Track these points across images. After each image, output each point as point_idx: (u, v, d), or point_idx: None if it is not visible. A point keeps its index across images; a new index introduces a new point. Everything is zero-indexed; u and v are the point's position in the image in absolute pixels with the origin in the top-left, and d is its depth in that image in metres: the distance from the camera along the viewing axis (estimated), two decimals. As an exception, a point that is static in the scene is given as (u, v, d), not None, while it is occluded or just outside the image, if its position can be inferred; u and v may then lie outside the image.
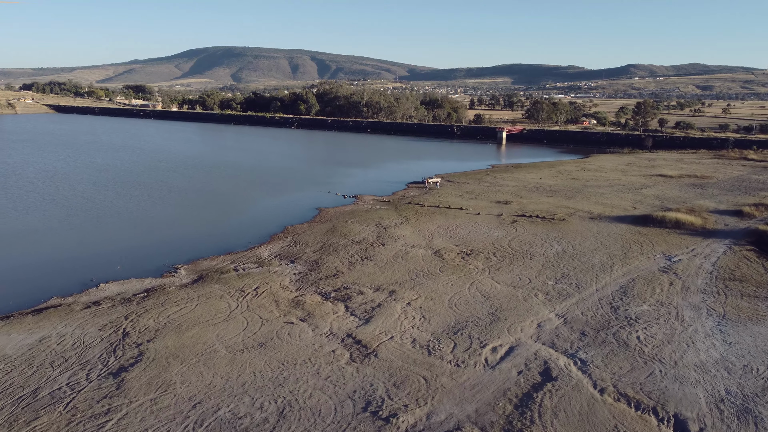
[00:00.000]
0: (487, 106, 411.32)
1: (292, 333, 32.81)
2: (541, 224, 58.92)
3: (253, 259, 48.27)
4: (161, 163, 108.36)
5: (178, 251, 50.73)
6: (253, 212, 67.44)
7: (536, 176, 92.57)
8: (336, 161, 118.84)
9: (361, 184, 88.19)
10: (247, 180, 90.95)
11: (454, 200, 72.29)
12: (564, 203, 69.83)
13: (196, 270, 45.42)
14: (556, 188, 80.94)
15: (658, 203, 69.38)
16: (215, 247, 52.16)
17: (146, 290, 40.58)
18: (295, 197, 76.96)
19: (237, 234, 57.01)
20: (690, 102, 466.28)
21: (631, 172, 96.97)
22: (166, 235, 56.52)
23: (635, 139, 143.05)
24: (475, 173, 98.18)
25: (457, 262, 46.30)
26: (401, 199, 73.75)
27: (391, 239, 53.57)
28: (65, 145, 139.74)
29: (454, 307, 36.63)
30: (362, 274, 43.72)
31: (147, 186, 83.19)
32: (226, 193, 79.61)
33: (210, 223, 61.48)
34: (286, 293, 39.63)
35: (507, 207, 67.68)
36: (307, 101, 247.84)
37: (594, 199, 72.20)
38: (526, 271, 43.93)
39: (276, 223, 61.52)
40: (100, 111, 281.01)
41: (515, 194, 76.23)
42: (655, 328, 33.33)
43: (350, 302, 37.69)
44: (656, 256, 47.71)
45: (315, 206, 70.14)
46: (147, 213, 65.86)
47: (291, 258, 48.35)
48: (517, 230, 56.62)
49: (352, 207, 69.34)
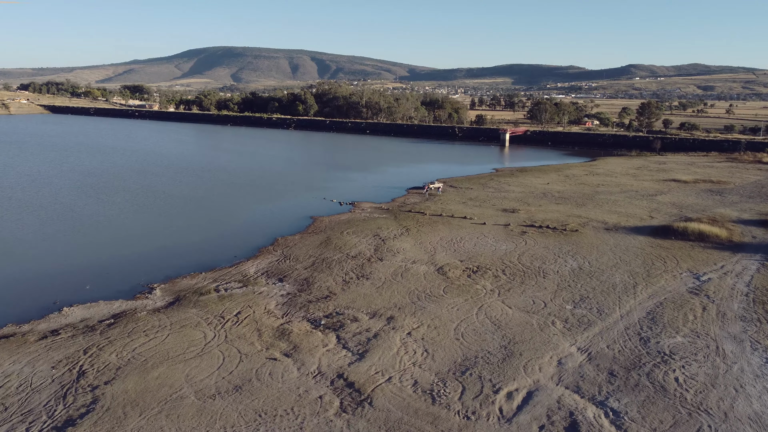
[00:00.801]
0: (488, 106, 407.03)
1: (274, 372, 28.30)
2: (553, 236, 54.41)
3: (237, 276, 43.77)
4: (150, 167, 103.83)
5: (157, 267, 46.23)
6: (243, 221, 62.92)
7: (543, 181, 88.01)
8: (333, 164, 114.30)
9: (358, 189, 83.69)
10: (239, 185, 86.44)
11: (457, 208, 67.78)
12: (575, 212, 65.30)
13: (173, 290, 40.91)
14: (566, 195, 76.39)
15: (676, 212, 64.84)
16: (197, 262, 47.67)
17: (114, 316, 36.08)
18: (288, 204, 72.44)
19: (223, 247, 52.50)
20: (692, 102, 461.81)
21: (642, 177, 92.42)
22: (146, 247, 51.99)
23: (643, 141, 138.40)
24: (478, 177, 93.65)
25: (463, 282, 41.80)
26: (401, 207, 69.27)
27: (390, 253, 49.08)
28: (53, 147, 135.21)
29: (461, 339, 32.12)
30: (357, 295, 39.23)
31: (132, 192, 78.65)
32: (215, 199, 75.09)
33: (195, 234, 56.97)
34: (270, 320, 35.12)
35: (514, 216, 63.16)
36: (305, 102, 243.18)
37: (607, 207, 67.66)
38: (540, 293, 39.42)
39: (266, 233, 57.02)
40: (95, 111, 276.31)
41: (522, 201, 71.71)
42: (695, 366, 28.81)
43: (343, 331, 33.19)
44: (682, 274, 43.19)
45: (309, 214, 65.64)
46: (127, 222, 61.33)
47: (279, 276, 43.85)
48: (527, 243, 52.11)
49: (348, 215, 64.85)
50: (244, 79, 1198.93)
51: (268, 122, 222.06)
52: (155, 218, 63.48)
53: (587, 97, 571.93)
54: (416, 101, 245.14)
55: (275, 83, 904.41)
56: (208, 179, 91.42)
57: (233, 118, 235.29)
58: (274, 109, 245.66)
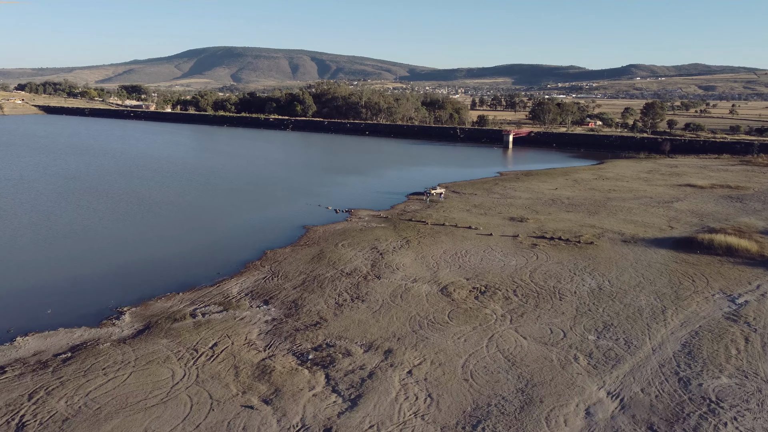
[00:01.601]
0: (489, 106, 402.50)
1: (249, 426, 23.80)
2: (566, 249, 49.91)
3: (218, 298, 39.28)
4: (138, 170, 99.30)
5: (130, 286, 41.74)
6: (230, 231, 58.37)
7: (551, 186, 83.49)
8: (330, 168, 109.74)
9: (356, 195, 79.18)
10: (230, 190, 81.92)
11: (461, 216, 63.29)
12: (588, 221, 60.79)
13: (145, 315, 36.40)
14: (576, 201, 71.87)
15: (697, 221, 60.33)
16: (176, 280, 43.19)
17: (72, 348, 31.58)
18: (280, 212, 67.91)
19: (206, 261, 48.00)
20: (694, 102, 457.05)
21: (655, 182, 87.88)
22: (121, 262, 47.46)
23: (651, 143, 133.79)
24: (482, 182, 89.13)
25: (470, 304, 37.30)
26: (401, 215, 64.77)
27: (389, 269, 44.60)
28: (41, 149, 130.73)
29: (471, 379, 27.62)
30: (351, 322, 34.74)
31: (115, 198, 74.13)
32: (203, 206, 70.57)
33: (177, 246, 52.47)
34: (251, 354, 30.62)
35: (523, 226, 58.65)
36: (303, 102, 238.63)
37: (622, 216, 63.15)
38: (558, 319, 34.91)
39: (254, 245, 52.51)
40: (90, 112, 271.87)
41: (530, 209, 67.20)
42: (749, 418, 24.32)
43: (333, 369, 28.71)
44: (715, 295, 38.69)
45: (302, 223, 61.14)
46: (105, 233, 56.82)
47: (265, 297, 39.36)
48: (539, 257, 47.61)
49: (344, 225, 60.34)
50: (244, 79, 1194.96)
51: (265, 123, 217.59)
52: (136, 228, 58.96)
53: (588, 97, 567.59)
54: (416, 102, 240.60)
55: (275, 83, 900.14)
56: (197, 184, 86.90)
57: (230, 119, 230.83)
58: (272, 110, 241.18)
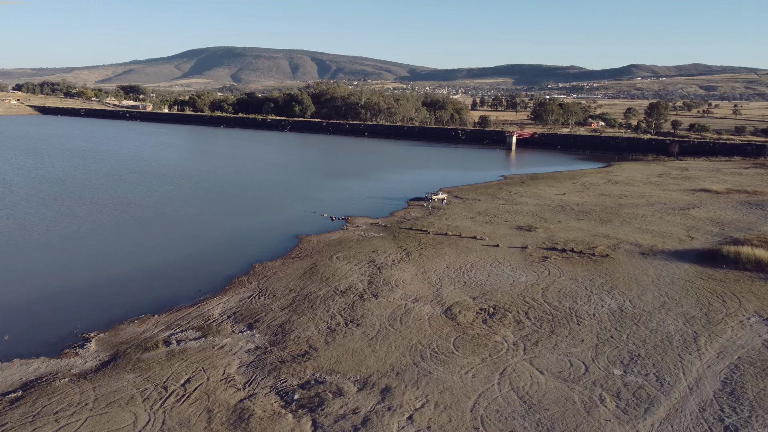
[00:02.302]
0: (489, 107, 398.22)
1: (217, 493, 19.85)
2: (580, 263, 45.97)
3: (198, 321, 35.35)
4: (127, 174, 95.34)
5: (102, 306, 37.83)
6: (217, 242, 54.39)
7: (558, 191, 79.49)
8: (327, 171, 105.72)
9: (353, 200, 75.21)
10: (221, 195, 77.97)
11: (465, 225, 59.33)
12: (601, 230, 56.82)
13: (113, 342, 32.47)
14: (586, 208, 67.88)
15: (718, 230, 56.34)
16: (153, 298, 39.28)
17: (25, 385, 27.67)
18: (273, 220, 63.94)
19: (188, 277, 44.08)
20: (696, 103, 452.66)
21: (667, 186, 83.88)
22: (95, 277, 43.52)
23: (659, 145, 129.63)
24: (486, 186, 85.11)
25: (478, 330, 33.36)
26: (401, 223, 60.84)
27: (387, 287, 40.67)
28: (30, 151, 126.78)
29: (482, 427, 23.67)
30: (344, 351, 30.81)
31: (99, 204, 70.17)
32: (191, 213, 66.61)
33: (159, 258, 48.52)
34: (228, 393, 26.69)
35: (532, 235, 54.68)
36: (301, 102, 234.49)
37: (636, 224, 59.17)
38: (577, 348, 30.97)
39: (242, 258, 48.58)
40: (86, 112, 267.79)
41: (538, 216, 63.24)
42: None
43: (322, 414, 24.77)
44: (750, 319, 34.73)
45: (295, 233, 57.20)
46: (82, 243, 52.86)
47: (250, 319, 35.43)
48: (551, 272, 43.67)
49: (340, 234, 56.39)
50: (244, 79, 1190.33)
51: (262, 124, 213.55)
52: (116, 238, 54.99)
53: (589, 97, 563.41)
54: (417, 102, 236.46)
55: (275, 83, 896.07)
56: (187, 189, 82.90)
57: (227, 120, 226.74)
58: (270, 110, 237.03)
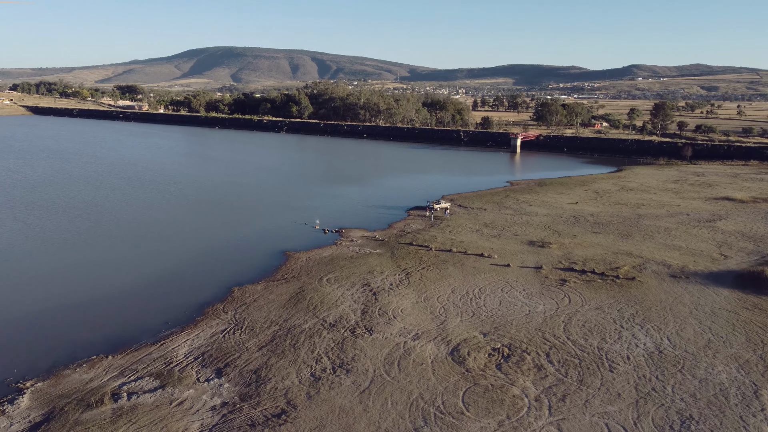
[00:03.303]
0: (490, 107, 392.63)
1: None
2: (603, 287, 40.34)
3: (158, 364, 29.71)
4: (109, 179, 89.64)
5: (47, 345, 32.18)
6: (195, 260, 48.69)
7: (570, 199, 73.80)
8: (322, 176, 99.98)
9: (349, 209, 69.55)
10: (207, 203, 72.30)
11: (470, 239, 53.68)
12: (622, 246, 51.16)
13: (51, 395, 26.85)
14: (603, 219, 62.20)
15: (752, 247, 50.66)
16: (110, 333, 33.64)
17: (-74, 460, 22.01)
18: (259, 232, 58.27)
19: (155, 304, 38.43)
20: (699, 103, 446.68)
21: (686, 194, 78.19)
22: (48, 306, 37.82)
23: (671, 148, 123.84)
24: (491, 194, 79.41)
25: (492, 379, 27.74)
26: (400, 237, 55.20)
27: (384, 318, 35.05)
28: (13, 153, 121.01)
29: None
30: (330, 410, 25.17)
31: (72, 213, 64.49)
32: (170, 224, 60.95)
33: (124, 282, 42.81)
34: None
35: (546, 253, 49.02)
36: (299, 103, 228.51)
37: (660, 239, 53.51)
38: (614, 406, 25.33)
39: (220, 280, 42.94)
40: (79, 113, 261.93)
41: (551, 229, 57.58)
42: None
43: None
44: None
45: (282, 248, 51.55)
46: (43, 262, 47.18)
47: (220, 362, 29.81)
48: (571, 299, 38.04)
49: (332, 250, 50.75)
50: (244, 79, 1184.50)
51: (258, 125, 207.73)
52: (81, 255, 49.27)
53: (590, 97, 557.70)
54: (417, 102, 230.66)
55: (275, 83, 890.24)
56: (170, 195, 77.16)
57: (222, 121, 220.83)
58: (267, 111, 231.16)
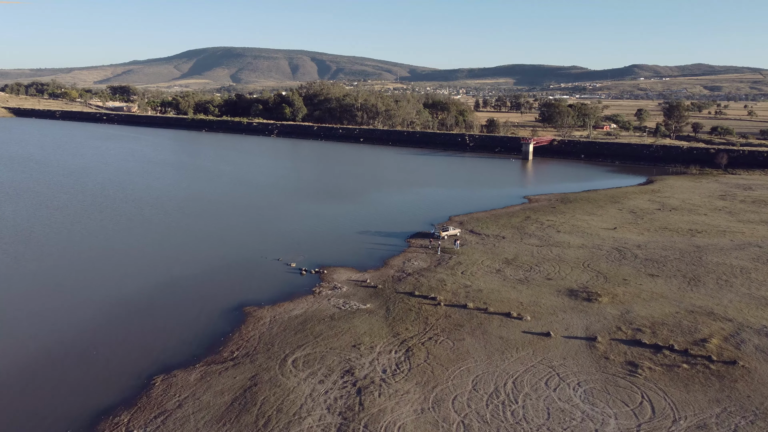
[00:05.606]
0: (492, 107, 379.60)
1: None
2: (694, 378, 27.40)
3: None
4: (57, 194, 76.40)
5: None
6: (112, 324, 35.60)
7: (605, 223, 60.73)
8: (309, 190, 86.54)
9: (336, 236, 56.49)
10: (162, 228, 59.26)
11: (490, 286, 40.66)
12: (695, 298, 38.14)
13: None
14: (654, 253, 49.06)
15: None
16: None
17: None
18: (215, 273, 45.14)
19: (23, 418, 25.47)
20: (705, 104, 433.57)
21: (742, 214, 65.12)
22: None
23: (702, 155, 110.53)
24: (508, 215, 66.29)
25: None
26: (397, 281, 42.23)
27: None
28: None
29: None
30: None
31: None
32: (102, 264, 47.81)
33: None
34: None
35: (595, 311, 35.99)
36: (292, 104, 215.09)
37: (742, 287, 40.47)
38: None
39: (139, 363, 30.00)
40: (61, 115, 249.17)
41: (592, 269, 44.51)
42: None
43: None
44: None
45: (241, 301, 38.63)
46: None
47: None
48: (654, 406, 25.11)
49: (307, 304, 37.78)
50: (244, 79, 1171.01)
51: (248, 128, 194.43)
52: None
53: (592, 97, 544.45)
54: (418, 103, 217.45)
55: (275, 84, 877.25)
56: (121, 217, 63.96)
57: (209, 123, 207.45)
58: (258, 113, 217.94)
